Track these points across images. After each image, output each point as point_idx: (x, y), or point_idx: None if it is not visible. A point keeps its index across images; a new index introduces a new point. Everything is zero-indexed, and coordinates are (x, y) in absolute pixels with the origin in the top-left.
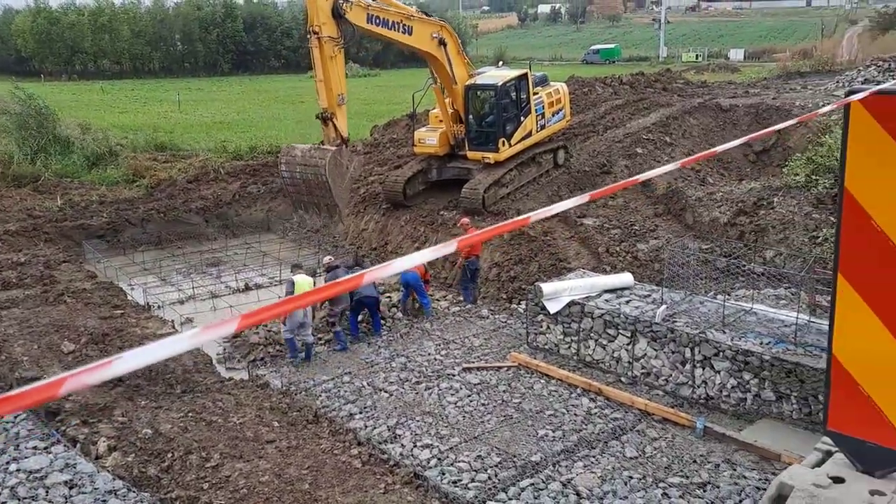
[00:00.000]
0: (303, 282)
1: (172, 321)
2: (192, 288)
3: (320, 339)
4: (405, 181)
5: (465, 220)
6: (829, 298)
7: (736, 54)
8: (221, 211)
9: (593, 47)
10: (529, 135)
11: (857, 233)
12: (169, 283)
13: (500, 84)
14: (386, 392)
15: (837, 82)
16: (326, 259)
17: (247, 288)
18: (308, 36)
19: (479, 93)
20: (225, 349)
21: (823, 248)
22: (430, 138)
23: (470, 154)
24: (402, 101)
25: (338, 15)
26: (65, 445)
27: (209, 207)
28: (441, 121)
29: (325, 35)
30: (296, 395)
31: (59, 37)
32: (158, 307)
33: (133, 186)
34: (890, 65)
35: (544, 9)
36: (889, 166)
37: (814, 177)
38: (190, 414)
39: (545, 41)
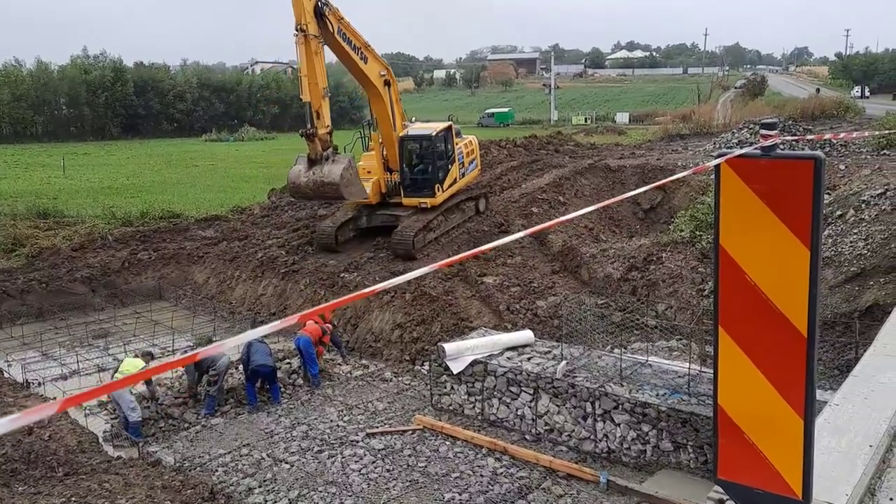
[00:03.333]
0: (129, 364)
1: (54, 398)
2: (77, 362)
3: (216, 410)
4: (336, 228)
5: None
6: None
7: (622, 117)
8: (109, 279)
9: (488, 111)
10: (455, 181)
11: (733, 287)
12: (51, 358)
13: (433, 134)
14: (287, 463)
15: (715, 143)
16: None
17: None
18: (295, 34)
19: (413, 143)
20: (112, 426)
21: (710, 301)
22: None
23: (406, 200)
24: None
25: (319, 14)
26: None
27: (96, 276)
28: (369, 171)
29: (311, 33)
30: (190, 471)
31: None
32: (39, 384)
33: (11, 256)
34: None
35: (440, 74)
36: (758, 224)
37: (697, 232)
38: (73, 499)
39: (441, 105)
